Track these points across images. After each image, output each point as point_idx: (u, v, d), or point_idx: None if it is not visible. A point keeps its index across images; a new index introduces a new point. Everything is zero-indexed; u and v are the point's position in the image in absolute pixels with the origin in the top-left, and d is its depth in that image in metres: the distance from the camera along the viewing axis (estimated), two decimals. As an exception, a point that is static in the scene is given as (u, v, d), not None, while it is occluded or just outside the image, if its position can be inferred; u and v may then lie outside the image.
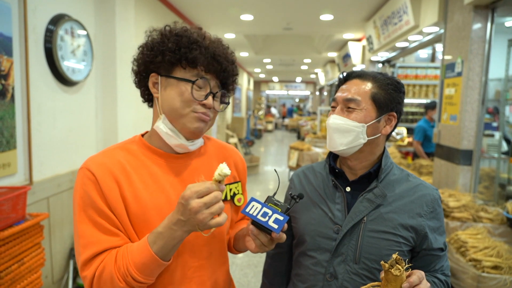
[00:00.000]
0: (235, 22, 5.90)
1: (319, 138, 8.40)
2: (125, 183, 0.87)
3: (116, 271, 0.79)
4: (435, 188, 1.06)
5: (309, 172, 1.19)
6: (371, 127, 1.02)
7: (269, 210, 0.86)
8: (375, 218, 1.01)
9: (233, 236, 1.10)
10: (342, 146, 1.02)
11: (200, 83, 0.89)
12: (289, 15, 5.42)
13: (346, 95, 1.03)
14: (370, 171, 1.06)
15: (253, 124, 14.91)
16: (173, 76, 0.89)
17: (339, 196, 1.07)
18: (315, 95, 20.49)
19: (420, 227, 1.00)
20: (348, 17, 5.49)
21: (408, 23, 3.89)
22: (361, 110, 1.01)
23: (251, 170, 7.94)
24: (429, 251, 1.02)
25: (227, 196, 1.02)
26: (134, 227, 0.87)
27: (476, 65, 2.87)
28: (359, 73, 1.06)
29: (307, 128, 12.40)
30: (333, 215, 1.05)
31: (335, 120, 1.03)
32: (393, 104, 1.03)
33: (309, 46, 9.05)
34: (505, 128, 3.97)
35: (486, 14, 2.84)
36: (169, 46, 0.88)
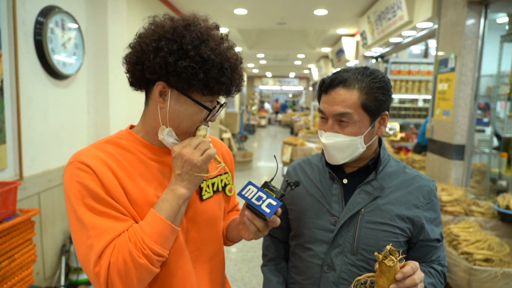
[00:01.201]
0: (229, 16, 5.85)
1: (313, 134, 8.42)
2: (123, 175, 0.85)
3: (133, 247, 0.77)
4: (431, 179, 1.07)
5: (306, 164, 1.18)
6: (367, 135, 1.02)
7: (264, 195, 0.88)
8: (372, 210, 1.02)
9: (226, 227, 1.11)
10: (343, 159, 1.03)
11: (215, 108, 0.89)
12: (283, 9, 5.39)
13: (336, 109, 0.99)
14: (368, 163, 1.06)
15: (246, 119, 14.88)
16: (190, 96, 0.85)
17: (336, 188, 1.07)
18: (308, 90, 20.51)
19: (417, 218, 1.01)
20: (342, 12, 5.48)
21: (402, 18, 3.89)
22: (355, 123, 0.99)
23: (244, 165, 7.94)
24: (425, 242, 1.03)
25: (219, 187, 1.03)
26: (140, 216, 0.85)
27: (469, 61, 2.89)
28: (341, 79, 0.99)
29: (300, 124, 12.42)
30: (330, 207, 1.05)
31: (329, 138, 1.01)
32: (383, 106, 1.01)
33: (302, 41, 9.03)
34: (495, 123, 4.02)
35: (479, 10, 2.85)
36: (196, 71, 0.80)
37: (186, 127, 0.87)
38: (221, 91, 0.86)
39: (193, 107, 0.85)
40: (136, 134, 0.93)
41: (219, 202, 1.02)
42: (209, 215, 0.97)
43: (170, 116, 0.86)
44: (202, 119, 0.88)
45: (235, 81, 0.87)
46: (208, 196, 0.98)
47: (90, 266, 0.77)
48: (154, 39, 0.82)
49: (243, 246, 3.92)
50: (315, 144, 6.82)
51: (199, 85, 0.82)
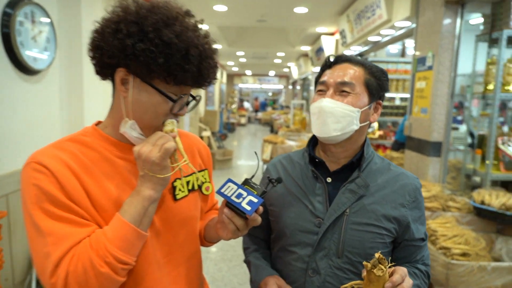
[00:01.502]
0: (208, 13, 5.77)
1: (293, 132, 8.45)
2: (86, 176, 0.78)
3: (94, 255, 0.70)
4: (416, 177, 1.05)
5: (287, 161, 1.13)
6: (363, 113, 1.00)
7: (244, 192, 0.84)
8: (358, 210, 0.98)
9: (204, 227, 1.05)
10: (336, 131, 0.97)
11: (182, 100, 0.82)
12: (264, 6, 5.36)
13: (339, 78, 0.99)
14: (352, 160, 1.03)
15: (226, 118, 14.79)
16: (152, 85, 0.78)
17: (319, 188, 1.02)
18: (288, 89, 20.59)
19: (403, 217, 0.98)
20: (322, 11, 5.50)
21: (381, 17, 3.93)
22: (356, 95, 0.98)
23: (224, 164, 7.87)
24: (410, 242, 1.01)
25: (194, 185, 0.97)
26: (106, 221, 0.78)
27: (446, 60, 2.94)
28: (348, 57, 1.04)
29: (280, 122, 12.45)
30: (314, 208, 1.01)
31: (329, 103, 0.98)
32: (382, 91, 1.02)
33: (282, 40, 9.04)
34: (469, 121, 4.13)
35: (455, 10, 2.90)
36: (156, 55, 0.73)
37: (150, 120, 0.81)
38: (187, 80, 0.78)
39: (156, 97, 0.79)
40: (101, 131, 0.86)
41: (195, 201, 0.97)
42: (184, 215, 0.92)
43: (132, 107, 0.80)
44: (167, 112, 0.80)
45: (204, 71, 0.80)
46: (182, 196, 0.92)
47: (46, 277, 0.70)
48: (115, 21, 0.77)
49: (223, 245, 3.87)
50: (295, 142, 6.84)
51: (160, 71, 0.75)
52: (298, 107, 11.79)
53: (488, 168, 2.77)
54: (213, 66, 0.83)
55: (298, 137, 7.77)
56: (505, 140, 2.92)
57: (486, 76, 2.94)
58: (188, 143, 1.01)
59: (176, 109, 0.82)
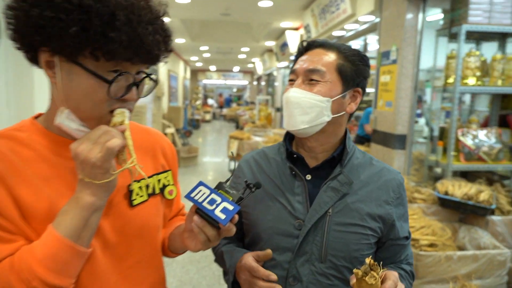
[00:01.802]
0: (170, 5, 5.52)
1: (258, 127, 8.42)
2: (14, 179, 0.65)
3: (15, 280, 0.58)
4: (398, 171, 1.00)
5: (261, 158, 1.03)
6: (336, 102, 0.91)
7: (218, 198, 0.74)
8: (341, 209, 0.91)
9: (168, 236, 0.93)
10: (304, 124, 0.89)
11: (120, 80, 0.67)
12: (228, 0, 5.25)
13: (308, 65, 0.91)
14: (333, 155, 0.95)
15: (190, 114, 14.52)
16: (80, 63, 0.64)
17: (298, 186, 0.93)
18: (253, 84, 20.57)
19: (388, 215, 0.92)
20: (286, 5, 5.46)
21: (345, 11, 3.95)
22: (326, 83, 0.89)
23: (189, 161, 7.70)
24: (395, 241, 0.95)
25: (155, 189, 0.84)
26: (40, 233, 0.65)
27: (409, 54, 2.99)
28: (322, 42, 0.95)
29: (245, 118, 12.40)
30: (293, 209, 0.92)
31: (295, 93, 0.90)
32: (359, 78, 0.93)
33: (247, 34, 8.95)
34: (426, 114, 4.29)
35: (418, 5, 2.95)
36: (67, 23, 0.59)
37: (88, 109, 0.67)
38: (119, 53, 0.63)
39: (88, 79, 0.64)
40: (40, 124, 0.72)
41: (156, 207, 0.84)
42: (142, 224, 0.79)
43: (65, 94, 0.66)
44: (105, 97, 0.66)
45: (144, 39, 0.64)
46: (140, 201, 0.79)
47: None
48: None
49: (191, 245, 3.75)
50: (262, 138, 6.81)
51: (78, 43, 0.60)
52: (263, 103, 11.78)
53: (450, 159, 2.86)
54: (158, 33, 0.68)
55: (264, 132, 7.75)
56: (464, 131, 3.02)
57: (446, 70, 3.02)
58: (149, 141, 0.88)
59: (117, 93, 0.67)
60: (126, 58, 0.65)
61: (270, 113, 10.17)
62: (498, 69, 2.97)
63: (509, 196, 2.67)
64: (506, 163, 2.99)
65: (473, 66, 2.92)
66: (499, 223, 2.40)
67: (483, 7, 2.80)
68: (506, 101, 3.36)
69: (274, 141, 5.99)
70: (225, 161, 8.04)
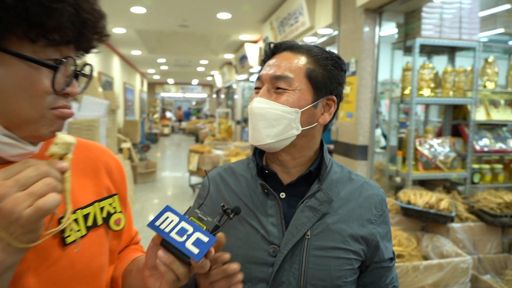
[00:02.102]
0: (125, 15, 5.36)
1: (219, 141, 8.30)
2: None
3: None
4: (378, 186, 0.91)
5: (228, 174, 0.92)
6: (306, 113, 0.81)
7: (190, 226, 0.61)
8: (321, 231, 0.80)
9: (121, 274, 0.77)
10: (270, 138, 0.79)
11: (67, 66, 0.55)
12: (186, 10, 5.14)
13: (274, 71, 0.81)
14: (310, 169, 0.84)
15: (148, 128, 14.07)
16: (9, 50, 0.49)
17: (272, 206, 0.82)
18: (212, 98, 20.44)
19: (372, 236, 0.83)
20: (245, 17, 5.46)
21: (304, 24, 3.99)
22: (294, 91, 0.80)
23: (147, 177, 7.38)
24: (379, 263, 0.86)
25: (97, 219, 0.67)
26: None
27: (367, 65, 3.05)
28: (290, 44, 0.85)
29: (205, 131, 12.22)
30: (267, 232, 0.81)
31: (259, 104, 0.80)
32: (333, 84, 0.83)
33: (205, 47, 8.86)
34: (382, 125, 4.43)
35: (374, 18, 3.03)
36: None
37: (22, 109, 0.52)
38: (65, 31, 0.51)
39: (24, 68, 0.50)
40: None
41: (98, 243, 0.67)
42: (80, 266, 0.62)
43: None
44: (48, 90, 0.52)
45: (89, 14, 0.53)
46: (78, 237, 0.63)
47: None
48: None
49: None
50: (223, 151, 6.68)
51: (11, 19, 0.47)
52: (223, 116, 11.69)
53: (410, 169, 2.91)
54: (97, 12, 0.57)
55: (225, 145, 7.64)
56: (421, 141, 3.11)
57: (403, 81, 3.11)
58: (90, 158, 0.72)
59: (61, 85, 0.54)
60: (69, 40, 0.52)
61: (230, 126, 10.09)
62: (450, 81, 3.11)
63: (466, 203, 2.75)
64: (460, 170, 3.11)
65: (427, 78, 3.03)
66: (459, 230, 2.45)
67: (434, 22, 2.93)
68: (457, 112, 3.53)
69: (235, 154, 5.88)
70: (185, 175, 7.79)
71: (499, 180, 3.28)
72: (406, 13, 3.04)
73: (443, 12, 2.94)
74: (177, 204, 5.77)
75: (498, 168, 3.30)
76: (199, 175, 6.35)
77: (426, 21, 2.89)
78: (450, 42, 2.96)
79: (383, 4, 2.87)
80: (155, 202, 5.94)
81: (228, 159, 5.50)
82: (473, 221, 2.55)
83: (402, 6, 2.88)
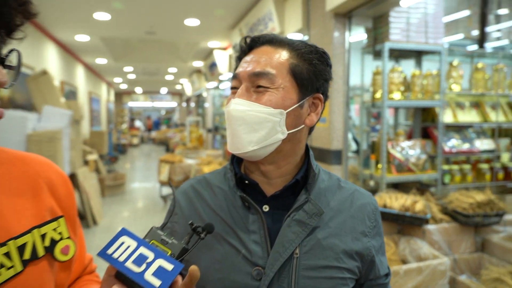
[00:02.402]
0: (88, 21, 5.13)
1: (190, 149, 8.12)
2: None
3: None
4: (369, 193, 0.84)
5: (202, 187, 0.81)
6: (291, 115, 0.72)
7: (150, 252, 0.51)
8: (311, 249, 0.71)
9: None
10: (252, 145, 0.69)
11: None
12: (152, 16, 4.99)
13: (253, 67, 0.71)
14: (296, 178, 0.75)
15: (116, 139, 13.62)
16: None
17: (254, 221, 0.72)
18: (182, 106, 20.15)
19: (367, 251, 0.75)
20: (214, 24, 5.38)
21: (274, 29, 3.96)
22: (277, 90, 0.70)
23: (115, 190, 7.07)
24: (375, 281, 0.78)
25: (37, 250, 0.56)
26: None
27: (339, 69, 3.04)
28: (269, 37, 0.76)
29: (176, 140, 11.97)
30: (249, 252, 0.71)
31: (238, 106, 0.70)
32: (319, 81, 0.74)
33: (174, 54, 8.69)
34: (352, 130, 4.47)
35: (344, 23, 3.04)
36: None
37: None
38: None
39: None
40: None
41: (39, 279, 0.55)
42: None
43: None
44: None
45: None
46: (9, 276, 0.51)
47: None
48: None
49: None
50: (194, 160, 6.53)
51: None
52: (194, 124, 11.50)
53: (384, 172, 2.91)
54: None
55: (197, 154, 7.48)
56: (394, 144, 3.13)
57: (373, 85, 3.13)
58: (27, 174, 0.61)
59: None
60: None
61: (202, 135, 9.93)
62: (418, 84, 3.16)
63: (439, 204, 2.78)
64: (431, 172, 3.16)
65: (397, 81, 3.06)
66: (434, 232, 2.46)
67: (401, 26, 2.98)
68: (425, 114, 3.60)
69: (208, 163, 5.75)
70: (156, 186, 7.55)
71: (467, 180, 3.36)
72: (375, 17, 3.07)
73: (410, 16, 3.00)
74: (148, 216, 5.55)
75: (466, 169, 3.38)
76: (171, 185, 6.15)
77: (394, 25, 2.93)
78: (418, 46, 3.01)
79: (352, 8, 2.88)
80: (124, 215, 5.69)
81: (200, 168, 5.35)
82: (447, 222, 2.57)
83: (370, 10, 2.90)
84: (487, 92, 3.46)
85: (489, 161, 3.58)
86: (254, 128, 0.69)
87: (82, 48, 7.17)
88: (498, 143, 3.57)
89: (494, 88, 3.52)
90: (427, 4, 3.06)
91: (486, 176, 3.43)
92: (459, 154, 3.32)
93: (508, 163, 3.59)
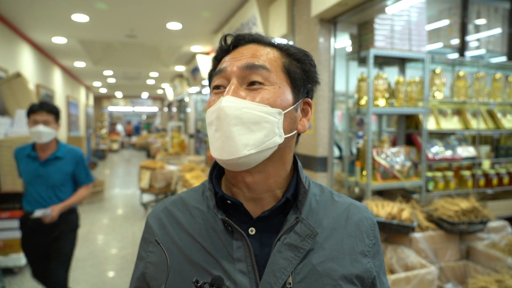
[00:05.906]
0: (66, 23, 4.95)
1: (172, 155, 7.96)
2: None
3: None
4: (365, 206, 0.76)
5: (178, 209, 0.71)
6: (288, 117, 0.64)
7: None
8: (306, 277, 0.62)
9: None
10: (249, 148, 0.60)
11: None
12: (133, 19, 4.86)
13: (246, 61, 0.63)
14: (286, 196, 0.66)
15: (95, 144, 13.26)
16: None
17: (239, 247, 0.63)
18: (163, 111, 19.87)
19: (367, 273, 0.67)
20: (196, 28, 5.29)
21: (258, 35, 3.91)
22: (273, 87, 0.63)
23: (94, 197, 6.84)
24: None
25: None
26: None
27: (324, 76, 3.01)
28: (256, 36, 0.68)
29: (157, 146, 11.75)
30: (235, 284, 0.61)
31: (232, 103, 0.60)
32: (310, 83, 0.69)
33: (155, 59, 8.54)
34: (335, 136, 4.46)
35: (329, 29, 3.01)
36: None
37: None
38: None
39: None
40: None
41: None
42: None
43: None
44: None
45: None
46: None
47: None
48: None
49: None
50: (176, 166, 6.38)
51: None
52: (175, 130, 11.32)
53: (369, 179, 2.89)
54: None
55: (178, 160, 7.33)
56: (379, 151, 3.11)
57: (358, 92, 3.11)
58: None
59: None
60: None
61: (184, 140, 9.77)
62: (402, 91, 3.17)
63: (424, 211, 2.77)
64: (415, 179, 3.16)
65: (382, 88, 3.05)
66: (420, 240, 2.44)
67: (385, 33, 2.98)
68: (409, 121, 3.62)
69: (190, 169, 5.61)
70: (137, 193, 7.35)
71: (450, 187, 3.38)
72: (359, 24, 3.07)
73: (394, 24, 3.01)
74: (128, 224, 5.37)
75: (449, 176, 3.40)
76: (152, 192, 5.99)
77: (379, 32, 2.93)
78: (402, 53, 3.02)
79: (338, 14, 2.86)
80: (104, 223, 5.49)
81: (182, 175, 5.22)
82: (433, 229, 2.56)
83: (355, 17, 2.89)
84: (468, 100, 3.50)
85: (470, 168, 3.62)
86: (251, 129, 0.60)
87: (59, 51, 6.94)
88: (479, 150, 3.62)
89: (475, 96, 3.57)
90: (411, 12, 3.08)
91: (468, 183, 3.46)
92: (442, 161, 3.34)
93: (488, 170, 3.64)
